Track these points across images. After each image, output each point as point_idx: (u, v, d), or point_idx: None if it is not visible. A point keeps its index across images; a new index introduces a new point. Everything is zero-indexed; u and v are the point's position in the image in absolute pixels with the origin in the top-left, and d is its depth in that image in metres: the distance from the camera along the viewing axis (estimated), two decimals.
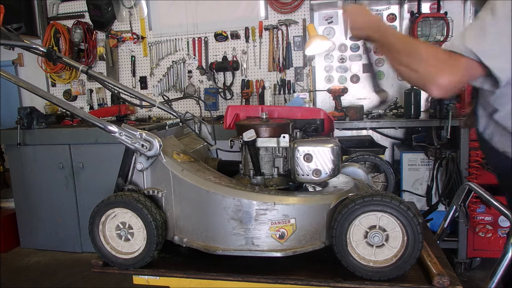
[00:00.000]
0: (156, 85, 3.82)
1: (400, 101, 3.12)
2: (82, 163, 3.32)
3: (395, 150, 3.39)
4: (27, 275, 3.14)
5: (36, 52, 1.57)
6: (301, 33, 3.46)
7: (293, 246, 1.13)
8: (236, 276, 1.15)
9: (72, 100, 4.02)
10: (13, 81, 1.23)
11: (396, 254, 1.07)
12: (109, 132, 1.22)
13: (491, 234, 2.83)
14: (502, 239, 2.83)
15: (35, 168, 3.42)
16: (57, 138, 3.34)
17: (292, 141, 1.22)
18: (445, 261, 1.17)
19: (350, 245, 1.09)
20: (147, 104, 1.67)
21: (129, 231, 1.22)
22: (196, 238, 1.20)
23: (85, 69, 1.61)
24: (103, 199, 1.23)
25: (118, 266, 1.24)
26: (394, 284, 1.06)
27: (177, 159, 1.27)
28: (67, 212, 3.42)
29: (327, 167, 1.15)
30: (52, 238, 3.50)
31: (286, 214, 1.12)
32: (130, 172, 1.28)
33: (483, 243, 2.86)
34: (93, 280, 2.94)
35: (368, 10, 1.30)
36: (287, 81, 3.51)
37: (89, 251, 3.45)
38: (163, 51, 3.76)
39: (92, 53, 3.83)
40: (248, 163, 1.31)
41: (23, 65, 4.18)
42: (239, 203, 1.13)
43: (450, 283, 1.04)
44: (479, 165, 2.79)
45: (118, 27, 3.83)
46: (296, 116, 1.43)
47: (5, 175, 4.07)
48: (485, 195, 1.41)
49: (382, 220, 1.07)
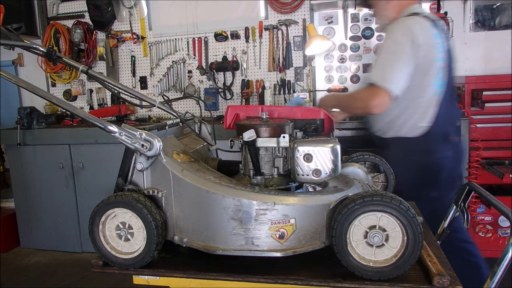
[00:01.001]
0: (156, 85, 3.82)
1: None
2: (82, 163, 3.32)
3: None
4: (27, 275, 3.14)
5: (36, 52, 1.56)
6: (301, 33, 3.46)
7: (293, 246, 1.13)
8: (236, 276, 1.15)
9: (72, 100, 4.02)
10: (13, 81, 1.23)
11: (396, 254, 1.07)
12: (109, 132, 1.22)
13: (491, 234, 2.83)
14: (502, 239, 2.83)
15: (35, 168, 3.42)
16: (57, 138, 3.34)
17: (292, 141, 1.22)
18: (445, 261, 1.17)
19: (350, 245, 1.09)
20: (147, 104, 1.66)
21: (129, 231, 1.22)
22: (196, 238, 1.20)
23: (85, 69, 1.61)
24: (103, 199, 1.22)
25: (118, 266, 1.24)
26: (394, 284, 1.06)
27: (177, 159, 1.27)
28: (67, 212, 3.42)
29: (327, 167, 1.15)
30: (52, 238, 3.51)
31: (286, 214, 1.12)
32: (130, 172, 1.27)
33: (483, 243, 2.86)
34: (93, 280, 2.94)
35: (331, 94, 2.17)
36: (287, 81, 3.51)
37: (89, 251, 3.45)
38: (163, 51, 3.77)
39: (92, 53, 3.83)
40: (248, 163, 1.31)
41: (23, 65, 4.18)
42: (239, 203, 1.13)
43: (450, 283, 1.04)
44: (479, 165, 2.79)
45: (118, 27, 3.83)
46: (296, 116, 1.43)
47: (5, 175, 4.08)
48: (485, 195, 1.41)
49: (382, 220, 1.07)
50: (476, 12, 3.26)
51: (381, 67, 1.78)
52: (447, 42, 1.82)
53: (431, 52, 1.75)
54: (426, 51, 1.74)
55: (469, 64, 3.31)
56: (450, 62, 1.83)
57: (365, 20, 3.43)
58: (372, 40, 3.43)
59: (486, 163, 2.79)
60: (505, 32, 3.21)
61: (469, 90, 2.85)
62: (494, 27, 3.26)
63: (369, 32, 3.42)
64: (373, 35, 3.42)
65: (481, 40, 3.27)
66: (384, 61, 1.78)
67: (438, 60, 1.77)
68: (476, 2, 3.24)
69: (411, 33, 1.73)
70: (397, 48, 1.76)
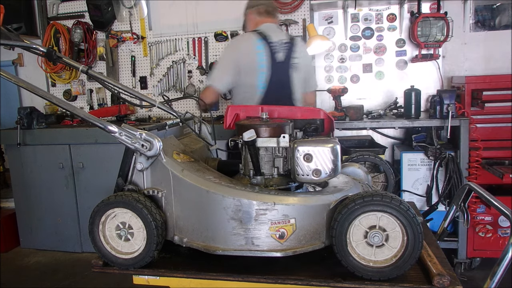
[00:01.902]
0: (156, 85, 3.82)
1: (400, 101, 3.12)
2: (82, 163, 3.32)
3: (395, 150, 3.39)
4: (27, 275, 3.14)
5: (36, 52, 1.56)
6: (301, 33, 3.46)
7: (293, 246, 1.13)
8: (236, 276, 1.15)
9: (72, 100, 4.01)
10: (13, 81, 1.23)
11: (396, 254, 1.07)
12: (109, 132, 1.22)
13: (491, 234, 2.83)
14: (502, 239, 2.83)
15: (35, 168, 3.42)
16: (57, 138, 3.34)
17: (292, 141, 1.22)
18: (445, 261, 1.17)
19: (350, 245, 1.09)
20: (147, 104, 1.66)
21: (129, 231, 1.22)
22: (196, 238, 1.20)
23: (85, 69, 1.61)
24: (103, 199, 1.23)
25: (118, 266, 1.24)
26: (394, 284, 1.06)
27: (177, 159, 1.27)
28: (67, 212, 3.42)
29: (327, 167, 1.15)
30: (52, 238, 3.50)
31: (286, 214, 1.12)
32: (130, 172, 1.28)
33: (483, 243, 2.86)
34: (93, 280, 2.94)
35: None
36: None
37: (89, 251, 3.45)
38: (163, 51, 3.76)
39: (92, 53, 3.83)
40: (248, 163, 1.31)
41: (23, 65, 4.18)
42: (239, 203, 1.13)
43: (450, 283, 1.04)
44: (479, 165, 2.79)
45: (118, 27, 3.83)
46: (296, 116, 1.43)
47: (5, 175, 4.07)
48: (485, 195, 1.41)
49: (382, 220, 1.07)
50: (476, 12, 3.26)
51: (212, 71, 2.44)
52: (274, 51, 2.26)
53: (252, 59, 2.25)
54: (248, 59, 2.26)
55: (469, 64, 3.31)
56: (273, 67, 2.26)
57: (365, 20, 3.43)
58: (372, 40, 3.43)
59: (486, 163, 2.79)
60: (505, 32, 3.21)
61: (469, 90, 2.85)
62: (494, 27, 3.26)
63: (369, 32, 3.42)
64: (373, 35, 3.42)
65: (481, 40, 3.27)
66: (214, 66, 2.35)
67: (260, 66, 2.25)
68: (476, 2, 3.24)
69: (236, 45, 2.41)
70: (224, 55, 2.49)
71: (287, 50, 2.32)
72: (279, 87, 2.31)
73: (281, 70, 2.31)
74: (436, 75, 3.34)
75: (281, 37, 2.34)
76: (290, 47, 2.33)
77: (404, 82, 3.35)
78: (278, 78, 2.29)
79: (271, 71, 2.28)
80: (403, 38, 3.37)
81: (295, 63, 2.33)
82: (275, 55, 2.29)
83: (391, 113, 3.22)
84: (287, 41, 2.34)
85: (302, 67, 2.37)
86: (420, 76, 3.37)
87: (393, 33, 3.39)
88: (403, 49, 3.39)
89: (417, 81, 3.26)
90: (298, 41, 2.41)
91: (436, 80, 3.35)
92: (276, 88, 2.30)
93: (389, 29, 3.39)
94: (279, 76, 2.30)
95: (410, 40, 3.34)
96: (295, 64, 2.34)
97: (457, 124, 2.77)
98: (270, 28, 2.36)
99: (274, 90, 2.29)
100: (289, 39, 2.37)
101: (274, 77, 2.28)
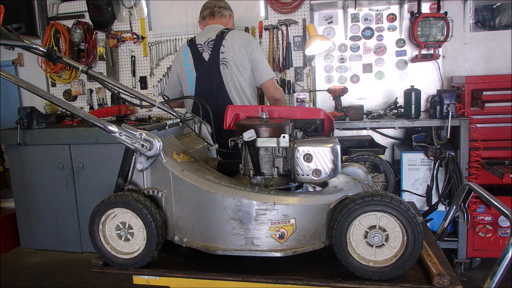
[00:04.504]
0: (156, 85, 3.82)
1: (400, 101, 3.12)
2: (82, 163, 3.32)
3: (395, 150, 3.40)
4: (27, 275, 3.14)
5: (36, 52, 1.56)
6: (301, 33, 3.46)
7: (293, 246, 1.13)
8: (236, 276, 1.15)
9: (72, 100, 4.02)
10: (13, 81, 1.23)
11: (396, 254, 1.07)
12: (109, 132, 1.22)
13: (491, 234, 2.83)
14: (502, 239, 2.83)
15: (35, 168, 3.42)
16: (57, 138, 3.34)
17: (292, 141, 1.22)
18: (445, 261, 1.17)
19: (350, 245, 1.09)
20: (147, 104, 1.66)
21: (129, 231, 1.22)
22: (196, 238, 1.20)
23: (85, 69, 1.61)
24: (103, 199, 1.23)
25: (118, 266, 1.24)
26: (394, 284, 1.06)
27: (177, 159, 1.27)
28: (67, 212, 3.42)
29: (327, 167, 1.15)
30: (52, 238, 3.51)
31: (286, 214, 1.12)
32: (130, 172, 1.28)
33: (483, 243, 2.86)
34: (93, 280, 2.94)
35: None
36: (287, 81, 3.51)
37: (89, 251, 3.45)
38: (163, 51, 3.77)
39: (92, 53, 3.83)
40: (248, 163, 1.31)
41: (23, 65, 4.18)
42: (239, 203, 1.13)
43: (450, 283, 1.04)
44: (479, 165, 2.79)
45: (118, 27, 3.83)
46: (296, 116, 1.43)
47: (5, 175, 4.08)
48: (485, 195, 1.41)
49: (382, 220, 1.07)
50: (476, 12, 3.26)
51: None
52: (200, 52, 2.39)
53: (182, 66, 2.45)
54: (180, 67, 2.47)
55: (469, 64, 3.32)
56: (199, 67, 2.39)
57: (365, 20, 3.43)
58: (372, 40, 3.43)
59: (486, 163, 2.79)
60: (505, 32, 3.21)
61: (469, 90, 2.85)
62: (494, 27, 3.26)
63: (369, 32, 3.42)
64: (373, 35, 3.42)
65: (481, 40, 3.27)
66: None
67: (187, 71, 2.43)
68: (476, 2, 3.24)
69: (174, 58, 2.59)
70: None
71: (212, 47, 2.36)
72: (208, 86, 2.38)
73: (208, 68, 2.37)
74: (436, 75, 3.34)
75: (210, 36, 2.39)
76: (218, 44, 2.35)
77: (404, 82, 3.35)
78: (207, 77, 2.37)
79: (198, 72, 2.39)
80: (403, 38, 3.37)
81: (223, 58, 2.34)
82: (202, 55, 2.38)
83: (391, 113, 3.22)
84: (213, 38, 2.36)
85: (231, 61, 2.34)
86: (420, 76, 3.37)
87: (393, 33, 3.39)
88: (403, 49, 3.39)
89: (417, 81, 3.26)
90: (228, 35, 2.36)
91: (436, 80, 3.35)
92: (206, 87, 2.38)
93: (389, 29, 3.39)
94: (207, 74, 2.37)
95: (410, 40, 3.34)
96: (224, 60, 2.35)
97: (457, 124, 2.77)
98: (206, 30, 2.47)
99: (204, 89, 2.38)
100: (216, 36, 2.37)
101: (202, 76, 2.38)
